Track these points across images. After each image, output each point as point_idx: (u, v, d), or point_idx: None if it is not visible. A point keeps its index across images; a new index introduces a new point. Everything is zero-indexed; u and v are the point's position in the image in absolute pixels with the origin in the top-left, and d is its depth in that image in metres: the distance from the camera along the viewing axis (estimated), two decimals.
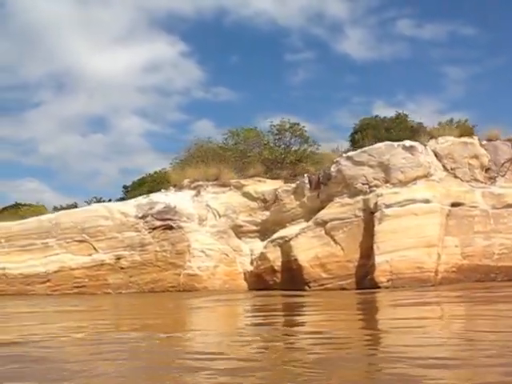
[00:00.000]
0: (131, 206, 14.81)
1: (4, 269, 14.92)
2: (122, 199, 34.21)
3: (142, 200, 14.93)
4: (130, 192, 33.85)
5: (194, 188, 15.04)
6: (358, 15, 53.19)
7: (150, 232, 14.53)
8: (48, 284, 14.47)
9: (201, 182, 14.99)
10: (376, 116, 22.42)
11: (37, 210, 32.92)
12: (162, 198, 14.80)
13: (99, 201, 34.76)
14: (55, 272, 14.51)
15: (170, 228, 14.47)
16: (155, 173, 30.25)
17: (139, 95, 55.12)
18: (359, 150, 13.52)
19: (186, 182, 15.14)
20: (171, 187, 15.30)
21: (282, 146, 24.53)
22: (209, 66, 57.22)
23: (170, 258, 14.39)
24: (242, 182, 14.90)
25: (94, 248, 14.59)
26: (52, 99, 54.49)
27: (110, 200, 33.75)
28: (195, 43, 56.98)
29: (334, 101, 52.61)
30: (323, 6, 54.67)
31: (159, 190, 15.63)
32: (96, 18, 50.71)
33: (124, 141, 54.44)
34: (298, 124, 24.59)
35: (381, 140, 13.90)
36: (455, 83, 49.27)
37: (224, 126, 60.12)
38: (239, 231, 14.78)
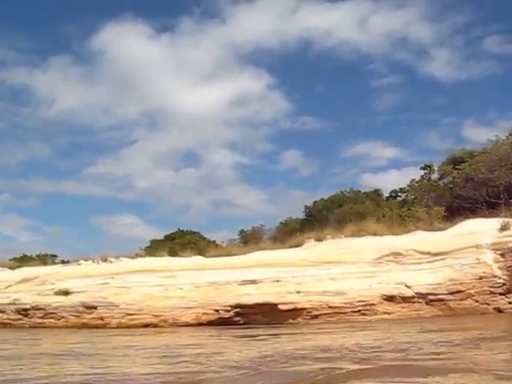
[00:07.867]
0: None
1: None
2: (306, 220, 30.56)
3: None
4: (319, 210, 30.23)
5: None
6: (443, 36, 52.46)
7: None
8: None
9: None
10: None
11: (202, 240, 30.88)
12: None
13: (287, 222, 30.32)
14: None
15: None
16: (407, 185, 28.77)
17: (228, 129, 55.44)
18: None
19: None
20: None
21: None
22: (295, 97, 57.63)
23: None
24: None
25: None
26: (146, 136, 56.32)
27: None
28: (281, 75, 57.77)
29: (421, 124, 51.66)
30: (406, 30, 54.09)
31: None
32: (185, 57, 51.99)
33: (215, 174, 55.27)
34: None
35: None
36: None
37: (312, 154, 59.43)
38: None
